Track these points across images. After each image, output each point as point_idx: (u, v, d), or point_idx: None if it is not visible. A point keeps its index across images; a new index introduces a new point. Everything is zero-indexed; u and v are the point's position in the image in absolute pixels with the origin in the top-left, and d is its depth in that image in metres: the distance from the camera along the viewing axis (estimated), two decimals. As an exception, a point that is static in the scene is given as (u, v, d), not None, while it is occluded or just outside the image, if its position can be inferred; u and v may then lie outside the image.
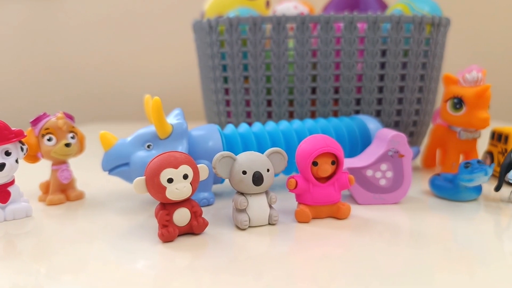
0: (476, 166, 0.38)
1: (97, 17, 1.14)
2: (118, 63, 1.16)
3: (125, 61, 1.16)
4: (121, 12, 1.13)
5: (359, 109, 0.56)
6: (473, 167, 0.38)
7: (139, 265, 0.29)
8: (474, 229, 0.35)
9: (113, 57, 1.16)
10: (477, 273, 0.28)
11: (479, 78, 0.46)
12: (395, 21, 0.53)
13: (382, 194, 0.40)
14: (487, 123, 0.46)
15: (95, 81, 1.16)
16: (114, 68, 1.16)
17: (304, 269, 0.28)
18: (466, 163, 0.39)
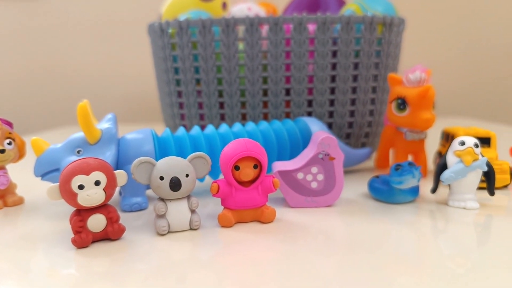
0: (406, 168, 0.38)
1: (79, 19, 1.14)
2: (99, 66, 1.16)
3: (106, 64, 1.16)
4: (100, 15, 1.14)
5: (311, 111, 0.56)
6: (403, 169, 0.38)
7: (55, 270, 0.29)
8: (407, 231, 0.35)
9: (93, 60, 1.16)
10: (408, 276, 0.28)
11: (422, 78, 0.46)
12: (345, 21, 0.53)
13: (314, 197, 0.40)
14: (430, 123, 0.45)
15: (76, 84, 1.17)
16: (95, 71, 1.16)
17: (228, 274, 0.28)
18: (396, 165, 0.39)
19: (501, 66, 1.17)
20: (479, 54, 1.17)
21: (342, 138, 0.58)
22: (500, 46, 1.16)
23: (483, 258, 0.30)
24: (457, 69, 1.17)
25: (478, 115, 1.16)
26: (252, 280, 0.27)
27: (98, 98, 1.17)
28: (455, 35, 1.15)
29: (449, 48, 1.16)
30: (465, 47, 1.16)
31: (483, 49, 1.16)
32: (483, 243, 0.33)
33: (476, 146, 0.38)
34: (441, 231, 0.36)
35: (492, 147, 0.47)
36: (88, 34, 1.15)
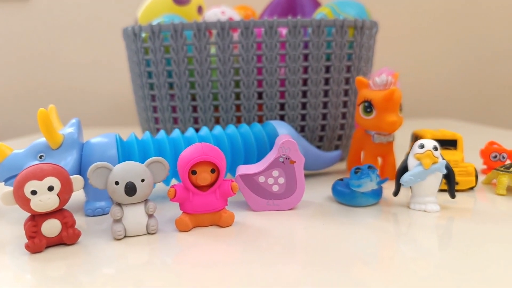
0: (364, 171, 0.38)
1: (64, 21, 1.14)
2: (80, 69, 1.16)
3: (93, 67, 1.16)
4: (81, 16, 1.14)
5: (284, 114, 0.56)
6: (362, 172, 0.38)
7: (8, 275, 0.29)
8: (368, 234, 0.35)
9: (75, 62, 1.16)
10: (370, 279, 0.28)
11: (388, 82, 0.46)
12: (316, 25, 0.53)
13: (275, 200, 0.40)
14: (396, 126, 0.45)
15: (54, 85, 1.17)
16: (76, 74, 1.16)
17: (186, 278, 0.28)
18: (356, 169, 0.39)
19: (481, 67, 1.18)
20: (459, 55, 1.17)
21: (315, 141, 0.58)
22: (480, 47, 1.16)
23: (445, 261, 0.30)
24: (436, 71, 1.17)
25: (459, 116, 1.17)
26: (211, 284, 0.27)
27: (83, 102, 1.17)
28: (435, 36, 1.16)
29: (427, 50, 1.16)
30: (442, 49, 1.16)
31: (463, 51, 1.17)
32: (445, 246, 0.33)
33: (435, 149, 0.38)
34: (402, 234, 0.36)
35: (459, 149, 0.47)
36: (74, 37, 1.15)
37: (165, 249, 0.33)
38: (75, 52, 1.15)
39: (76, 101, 1.17)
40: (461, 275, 0.28)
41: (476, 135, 0.86)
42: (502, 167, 0.45)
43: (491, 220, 0.38)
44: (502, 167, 0.45)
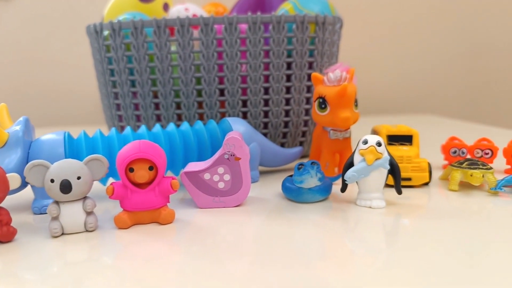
0: (306, 168, 0.38)
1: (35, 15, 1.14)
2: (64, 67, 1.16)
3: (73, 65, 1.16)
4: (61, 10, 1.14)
5: (246, 111, 0.56)
6: (304, 169, 0.38)
7: None
8: (314, 231, 0.35)
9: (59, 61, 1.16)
10: (317, 274, 0.28)
11: (342, 77, 0.45)
12: (276, 21, 0.53)
13: (222, 197, 0.40)
14: (349, 122, 0.45)
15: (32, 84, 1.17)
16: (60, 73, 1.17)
17: (126, 275, 0.28)
18: (299, 165, 0.39)
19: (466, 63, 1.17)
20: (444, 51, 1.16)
21: (279, 138, 0.58)
22: (465, 43, 1.16)
23: (392, 257, 0.30)
24: (421, 67, 1.17)
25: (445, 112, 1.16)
26: (152, 280, 0.27)
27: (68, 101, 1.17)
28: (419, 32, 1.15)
29: (412, 47, 1.15)
30: (428, 45, 1.16)
31: (448, 47, 1.16)
32: (392, 243, 0.33)
33: (378, 144, 0.38)
34: (348, 231, 0.36)
35: (414, 145, 0.47)
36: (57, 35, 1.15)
37: (104, 246, 0.33)
38: (59, 51, 1.15)
39: (61, 99, 1.17)
40: (408, 272, 0.28)
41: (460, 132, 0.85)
42: (456, 163, 0.45)
43: (439, 216, 0.38)
44: (456, 162, 0.45)
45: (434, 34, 1.15)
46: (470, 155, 0.51)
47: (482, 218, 0.37)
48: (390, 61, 1.15)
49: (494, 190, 0.42)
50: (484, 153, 0.50)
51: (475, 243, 0.32)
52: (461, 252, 0.30)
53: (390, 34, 1.14)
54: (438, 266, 0.28)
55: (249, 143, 0.48)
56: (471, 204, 0.41)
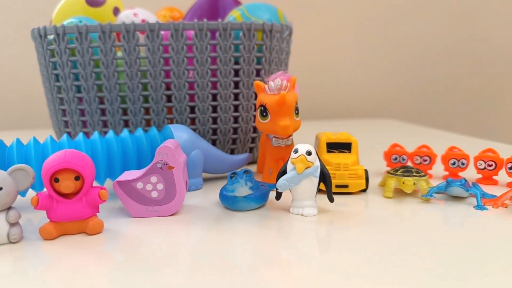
0: (236, 177, 0.38)
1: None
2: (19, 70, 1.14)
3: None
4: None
5: (194, 117, 0.56)
6: (235, 177, 0.38)
7: None
8: (248, 239, 0.35)
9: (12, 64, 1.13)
10: (253, 284, 0.28)
11: (283, 86, 0.46)
12: (223, 28, 0.53)
13: (155, 207, 0.40)
14: (288, 130, 0.46)
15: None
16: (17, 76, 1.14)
17: (52, 286, 0.28)
18: (232, 173, 0.39)
19: (424, 69, 1.20)
20: (403, 58, 1.19)
21: (228, 144, 0.58)
22: (422, 49, 1.19)
23: (324, 264, 0.31)
24: (381, 72, 1.19)
25: (403, 117, 1.19)
26: None
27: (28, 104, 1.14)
28: (378, 38, 1.17)
29: (371, 53, 1.18)
30: (387, 51, 1.18)
31: (407, 53, 1.19)
32: (325, 250, 0.34)
33: (308, 153, 0.38)
34: (282, 238, 0.36)
35: (353, 152, 0.48)
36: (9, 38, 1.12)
37: (29, 258, 0.32)
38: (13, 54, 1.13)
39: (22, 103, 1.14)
40: (339, 278, 0.28)
41: (415, 136, 0.87)
42: (392, 170, 0.46)
43: (371, 223, 0.38)
44: (392, 170, 0.46)
45: (395, 42, 1.17)
46: (411, 161, 0.52)
47: (413, 225, 0.38)
48: (353, 66, 1.17)
49: (426, 197, 0.43)
50: (422, 160, 0.51)
51: (405, 248, 0.33)
52: (391, 257, 0.31)
53: (352, 40, 1.16)
54: (368, 272, 0.29)
55: (192, 150, 0.48)
56: (404, 211, 0.42)
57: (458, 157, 0.49)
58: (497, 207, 0.41)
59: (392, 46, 1.18)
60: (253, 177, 0.39)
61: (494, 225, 0.37)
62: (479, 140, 0.81)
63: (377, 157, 0.60)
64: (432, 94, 1.20)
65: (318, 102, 1.16)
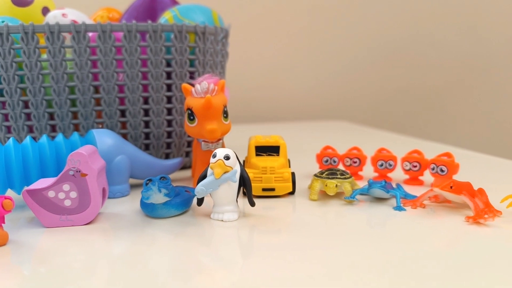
0: (151, 183, 0.37)
1: None
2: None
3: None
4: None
5: (126, 121, 0.54)
6: (151, 183, 0.37)
7: None
8: (166, 247, 0.34)
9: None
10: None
11: (209, 89, 0.45)
12: (153, 30, 0.52)
13: (69, 216, 0.38)
14: (215, 134, 0.45)
15: None
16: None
17: None
18: (148, 180, 0.38)
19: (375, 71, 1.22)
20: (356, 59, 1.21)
21: (163, 148, 0.57)
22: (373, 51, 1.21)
23: (246, 270, 0.30)
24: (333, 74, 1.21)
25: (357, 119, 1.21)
26: None
27: None
28: (330, 39, 1.19)
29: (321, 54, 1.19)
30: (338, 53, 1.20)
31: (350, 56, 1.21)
32: (246, 256, 0.33)
33: (226, 158, 0.38)
34: (202, 245, 0.35)
35: (281, 155, 0.48)
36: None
37: None
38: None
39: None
40: (261, 285, 0.28)
41: (365, 138, 0.89)
42: (318, 173, 0.46)
43: (294, 227, 0.39)
44: (318, 172, 0.46)
45: (343, 44, 1.19)
46: (342, 163, 0.53)
47: (337, 227, 0.38)
48: (303, 68, 1.18)
49: (348, 199, 0.43)
50: (352, 161, 0.52)
51: (328, 250, 0.33)
52: (314, 260, 0.31)
53: (301, 42, 1.17)
54: (291, 275, 0.29)
55: (117, 156, 0.46)
56: (328, 213, 0.42)
57: (386, 159, 0.50)
58: (415, 207, 0.42)
59: (341, 48, 1.20)
60: (170, 183, 0.38)
61: (411, 225, 0.38)
62: (424, 141, 0.83)
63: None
64: (382, 96, 1.23)
65: (268, 105, 1.16)
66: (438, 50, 1.23)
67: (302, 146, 0.78)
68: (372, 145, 0.55)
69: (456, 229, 0.37)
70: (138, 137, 0.55)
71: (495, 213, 0.39)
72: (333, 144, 0.57)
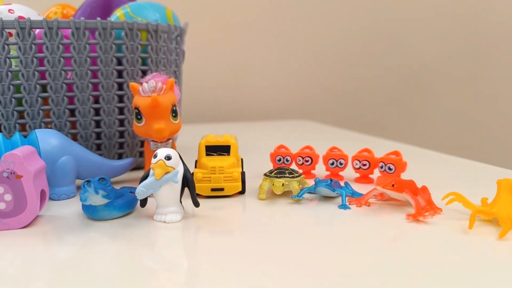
0: (87, 185, 0.36)
1: None
2: None
3: None
4: None
5: (75, 120, 0.53)
6: (88, 185, 0.36)
7: None
8: (106, 250, 0.33)
9: None
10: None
11: (157, 88, 0.45)
12: (103, 27, 0.51)
13: (4, 219, 0.37)
14: (162, 134, 0.44)
15: None
16: None
17: None
18: (86, 181, 0.37)
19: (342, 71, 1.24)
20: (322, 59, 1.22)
21: (115, 148, 0.56)
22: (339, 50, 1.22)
23: (191, 272, 0.30)
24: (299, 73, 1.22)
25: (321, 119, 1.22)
26: None
27: None
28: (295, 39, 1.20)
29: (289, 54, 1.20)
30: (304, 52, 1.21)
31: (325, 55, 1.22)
32: (191, 257, 0.33)
33: (168, 158, 0.37)
34: (145, 247, 0.34)
35: (232, 154, 0.47)
36: None
37: None
38: None
39: None
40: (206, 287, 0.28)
41: (328, 137, 0.90)
42: (268, 172, 0.46)
43: (241, 226, 0.39)
44: (268, 171, 0.46)
45: (311, 44, 1.20)
46: (294, 162, 0.53)
47: (284, 226, 0.38)
48: (268, 68, 1.18)
49: (296, 198, 0.43)
50: (304, 160, 0.52)
51: (274, 249, 0.33)
52: (260, 259, 0.31)
53: (266, 41, 1.17)
54: (235, 276, 0.29)
55: (62, 156, 0.45)
56: (276, 212, 0.42)
57: (337, 157, 0.50)
58: (360, 205, 0.42)
59: (304, 48, 1.20)
60: (110, 184, 0.37)
61: (356, 223, 0.38)
62: (387, 141, 0.85)
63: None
64: (345, 95, 1.24)
65: (233, 104, 1.16)
66: (399, 51, 1.25)
67: (262, 145, 0.78)
68: (332, 144, 0.55)
69: (397, 227, 0.37)
70: (89, 137, 0.54)
71: (435, 211, 0.39)
72: (293, 143, 0.57)
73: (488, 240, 0.34)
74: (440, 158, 0.67)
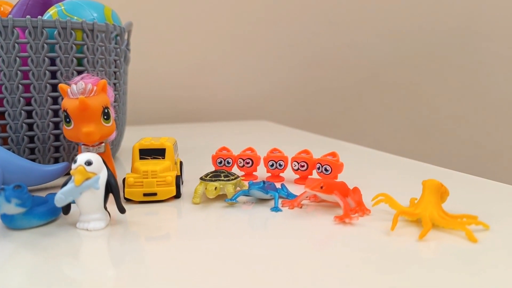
0: (2, 193, 0.34)
1: None
2: None
3: None
4: None
5: (5, 123, 0.50)
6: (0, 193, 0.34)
7: None
8: (26, 263, 0.32)
9: None
10: None
11: (86, 89, 0.43)
12: (32, 25, 0.49)
13: None
14: (92, 137, 0.43)
15: None
16: None
17: None
18: (0, 189, 0.35)
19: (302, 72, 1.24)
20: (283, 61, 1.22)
21: (50, 152, 0.53)
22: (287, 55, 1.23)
23: (114, 281, 0.29)
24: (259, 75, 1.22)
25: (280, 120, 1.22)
26: None
27: None
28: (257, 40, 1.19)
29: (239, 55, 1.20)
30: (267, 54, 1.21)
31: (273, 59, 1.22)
32: (117, 265, 0.32)
33: (88, 164, 0.36)
34: (66, 256, 0.33)
35: (167, 158, 0.46)
36: None
37: None
38: None
39: None
40: None
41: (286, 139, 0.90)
42: (204, 175, 0.45)
43: (172, 232, 0.38)
44: (204, 175, 0.45)
45: (270, 45, 1.20)
46: (236, 165, 0.52)
47: (218, 230, 0.38)
48: (229, 69, 1.18)
49: (229, 201, 0.43)
50: (245, 162, 0.51)
51: (205, 254, 0.32)
52: (189, 265, 0.31)
53: (223, 42, 1.16)
54: (163, 284, 0.28)
55: (-15, 162, 0.43)
56: (210, 216, 0.41)
57: (276, 159, 0.50)
58: (292, 207, 0.42)
59: (264, 49, 1.20)
60: (26, 191, 0.35)
61: (287, 225, 0.38)
62: (345, 142, 0.86)
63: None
64: (303, 96, 1.25)
65: (192, 105, 1.14)
66: (355, 51, 1.26)
67: (215, 146, 0.77)
68: (286, 145, 0.55)
69: (325, 229, 0.38)
70: (21, 141, 0.51)
71: (364, 212, 0.40)
72: (247, 145, 0.56)
73: (409, 241, 0.35)
74: (389, 159, 0.68)
